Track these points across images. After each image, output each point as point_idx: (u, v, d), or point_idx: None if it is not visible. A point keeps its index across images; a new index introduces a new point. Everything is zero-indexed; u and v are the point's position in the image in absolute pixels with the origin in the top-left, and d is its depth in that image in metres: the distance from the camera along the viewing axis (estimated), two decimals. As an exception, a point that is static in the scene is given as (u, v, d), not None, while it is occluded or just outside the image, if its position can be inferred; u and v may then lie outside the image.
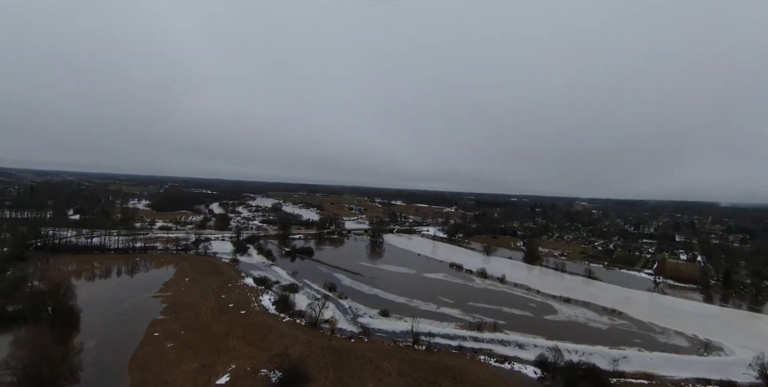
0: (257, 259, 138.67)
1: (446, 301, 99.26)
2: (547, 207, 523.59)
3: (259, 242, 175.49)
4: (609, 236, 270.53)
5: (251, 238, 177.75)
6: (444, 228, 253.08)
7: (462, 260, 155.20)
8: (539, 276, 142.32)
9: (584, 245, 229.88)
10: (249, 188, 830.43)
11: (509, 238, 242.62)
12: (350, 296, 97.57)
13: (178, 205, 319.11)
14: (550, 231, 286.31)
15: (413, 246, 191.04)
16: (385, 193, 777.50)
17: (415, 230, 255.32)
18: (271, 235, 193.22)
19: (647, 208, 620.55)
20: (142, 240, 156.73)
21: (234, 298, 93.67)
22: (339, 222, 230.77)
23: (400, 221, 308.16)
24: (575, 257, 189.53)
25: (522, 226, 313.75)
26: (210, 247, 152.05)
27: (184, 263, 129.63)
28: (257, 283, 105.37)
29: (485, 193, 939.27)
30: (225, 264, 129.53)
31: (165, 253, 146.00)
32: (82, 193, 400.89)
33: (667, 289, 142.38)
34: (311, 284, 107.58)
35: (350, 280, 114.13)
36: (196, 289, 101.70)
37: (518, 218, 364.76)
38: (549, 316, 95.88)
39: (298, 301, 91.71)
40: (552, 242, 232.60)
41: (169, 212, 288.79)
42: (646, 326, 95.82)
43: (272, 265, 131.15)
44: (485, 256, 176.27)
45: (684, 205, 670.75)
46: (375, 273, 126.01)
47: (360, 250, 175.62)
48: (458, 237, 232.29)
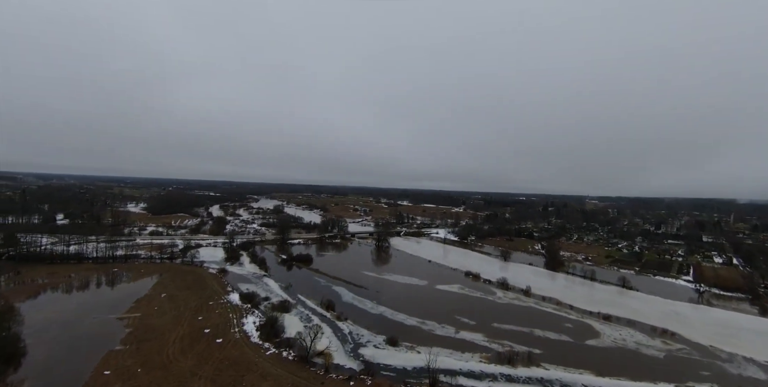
0: (249, 269, 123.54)
1: (466, 321, 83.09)
2: (560, 206, 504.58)
3: (254, 249, 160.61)
4: (631, 237, 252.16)
5: (246, 244, 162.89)
6: (455, 230, 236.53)
7: (478, 268, 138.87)
8: (567, 286, 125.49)
9: (608, 248, 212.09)
10: (253, 190, 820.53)
11: (525, 240, 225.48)
12: (351, 317, 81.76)
13: (176, 209, 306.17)
14: (567, 232, 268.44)
15: (422, 251, 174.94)
16: (391, 194, 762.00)
17: (424, 232, 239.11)
18: (268, 240, 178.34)
19: (663, 205, 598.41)
20: (125, 247, 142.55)
21: (212, 321, 78.46)
22: (342, 225, 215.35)
23: (408, 223, 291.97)
24: (601, 262, 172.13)
25: (537, 226, 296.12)
26: (198, 255, 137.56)
27: (166, 275, 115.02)
28: (243, 300, 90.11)
29: (493, 193, 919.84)
30: (211, 276, 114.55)
31: (147, 263, 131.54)
32: (81, 197, 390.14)
33: (712, 299, 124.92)
34: (306, 301, 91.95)
35: (352, 294, 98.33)
36: (170, 308, 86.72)
37: (531, 218, 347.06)
38: (591, 340, 79.29)
39: (289, 325, 76.29)
40: (572, 245, 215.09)
41: (165, 216, 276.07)
42: (708, 352, 79.03)
43: (264, 276, 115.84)
44: (502, 262, 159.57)
45: (701, 202, 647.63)
46: (381, 285, 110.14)
47: (364, 256, 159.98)
48: (470, 240, 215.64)
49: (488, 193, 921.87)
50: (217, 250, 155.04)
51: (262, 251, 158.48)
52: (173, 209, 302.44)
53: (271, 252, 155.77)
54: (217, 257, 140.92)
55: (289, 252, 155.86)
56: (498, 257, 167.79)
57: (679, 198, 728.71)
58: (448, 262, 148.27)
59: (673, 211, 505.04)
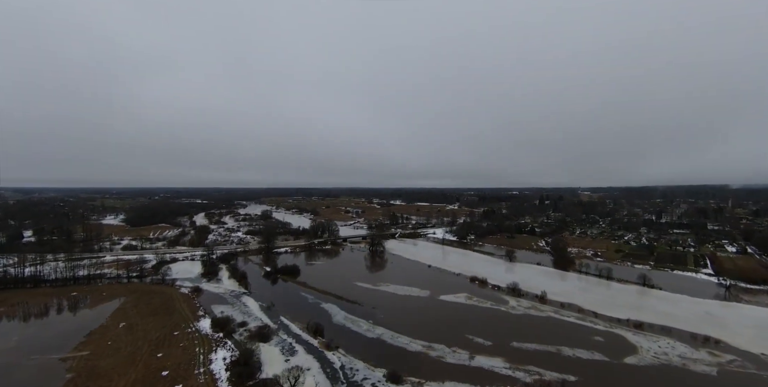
0: (227, 286, 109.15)
1: (480, 342, 69.98)
2: (555, 199, 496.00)
3: (236, 261, 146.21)
4: (635, 228, 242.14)
5: (227, 256, 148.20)
6: (452, 229, 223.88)
7: (483, 271, 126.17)
8: (584, 288, 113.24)
9: (614, 241, 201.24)
10: (242, 195, 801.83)
11: (527, 237, 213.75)
12: (343, 343, 68.10)
13: (157, 219, 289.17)
14: (569, 226, 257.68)
15: (420, 254, 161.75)
16: (383, 193, 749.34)
17: (420, 233, 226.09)
18: (252, 250, 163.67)
19: (658, 194, 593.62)
20: (90, 267, 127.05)
21: (174, 359, 64.35)
22: (333, 229, 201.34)
23: (402, 223, 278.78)
24: (612, 257, 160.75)
25: (536, 221, 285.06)
26: (171, 272, 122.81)
27: (130, 298, 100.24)
28: (215, 328, 76.00)
29: (486, 188, 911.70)
30: (182, 296, 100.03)
31: (113, 284, 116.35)
32: (58, 210, 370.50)
33: (741, 294, 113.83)
34: (290, 325, 78.02)
35: (344, 313, 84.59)
36: (127, 342, 72.31)
37: (528, 213, 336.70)
38: (630, 357, 66.78)
39: (268, 359, 62.63)
40: (577, 239, 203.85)
41: (144, 227, 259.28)
42: (763, 362, 67.35)
43: (244, 293, 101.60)
44: (508, 262, 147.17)
45: (694, 189, 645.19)
46: (377, 299, 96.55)
47: (357, 263, 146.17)
48: (470, 239, 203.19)
49: (481, 188, 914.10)
50: (194, 264, 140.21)
51: (245, 263, 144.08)
52: (154, 220, 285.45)
53: (254, 264, 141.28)
54: (193, 273, 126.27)
55: (275, 263, 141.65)
56: (502, 257, 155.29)
57: (672, 185, 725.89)
58: (450, 266, 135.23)
59: (668, 199, 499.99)
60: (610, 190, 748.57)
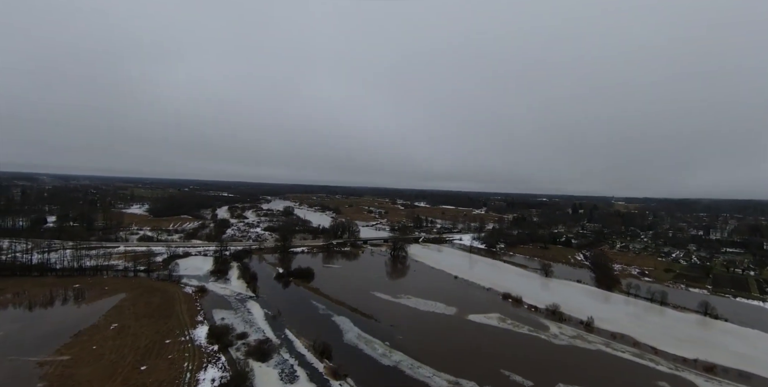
0: (234, 288, 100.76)
1: (518, 381, 57.56)
2: (589, 208, 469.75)
3: (250, 259, 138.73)
4: (682, 245, 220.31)
5: (240, 253, 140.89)
6: (480, 236, 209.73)
7: (516, 286, 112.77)
8: (635, 314, 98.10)
9: (661, 258, 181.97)
10: (268, 190, 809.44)
11: (562, 248, 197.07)
12: (353, 371, 57.26)
13: (180, 210, 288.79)
14: (608, 239, 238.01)
15: (446, 262, 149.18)
16: (407, 195, 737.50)
17: (446, 239, 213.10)
18: (267, 249, 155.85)
19: (701, 207, 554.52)
20: (98, 257, 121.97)
21: (158, 375, 55.53)
22: (353, 229, 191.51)
23: (426, 227, 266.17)
24: (662, 278, 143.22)
25: (570, 231, 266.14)
26: (179, 269, 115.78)
27: (131, 294, 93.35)
28: (210, 339, 66.99)
29: (513, 193, 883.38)
30: (185, 296, 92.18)
31: (118, 278, 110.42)
32: (89, 198, 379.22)
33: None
34: (294, 341, 68.02)
35: (358, 329, 73.84)
36: (112, 348, 64.29)
37: (561, 222, 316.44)
38: (711, 416, 52.91)
39: (263, 385, 52.72)
40: (618, 254, 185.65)
41: (166, 218, 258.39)
42: None
43: (251, 297, 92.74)
44: (543, 277, 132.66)
45: (742, 204, 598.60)
46: (396, 314, 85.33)
47: (377, 269, 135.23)
48: (499, 248, 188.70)
49: (508, 193, 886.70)
50: (206, 260, 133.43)
51: (259, 262, 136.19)
52: (177, 211, 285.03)
53: (268, 263, 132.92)
54: (203, 270, 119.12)
55: (289, 264, 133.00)
56: (537, 271, 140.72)
57: (717, 199, 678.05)
58: (479, 279, 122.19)
59: (713, 213, 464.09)
60: (646, 201, 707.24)
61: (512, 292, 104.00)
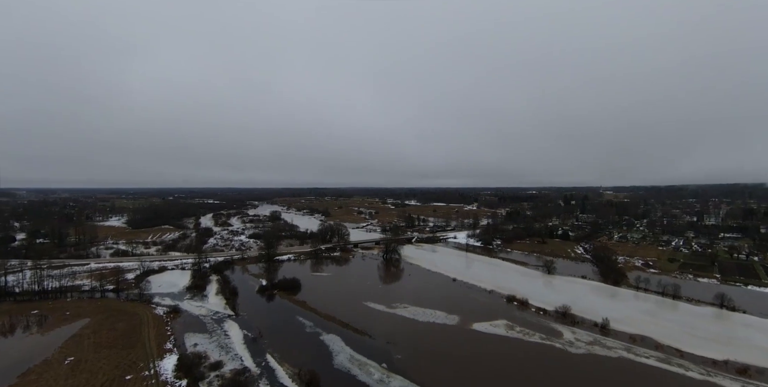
0: (211, 306, 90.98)
1: (539, 404, 49.52)
2: (579, 199, 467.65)
3: (232, 270, 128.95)
4: (680, 232, 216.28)
5: (221, 265, 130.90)
6: (475, 233, 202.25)
7: (519, 287, 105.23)
8: (649, 311, 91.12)
9: (661, 247, 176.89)
10: (256, 196, 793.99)
11: (560, 242, 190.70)
12: (346, 403, 48.47)
13: (161, 221, 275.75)
14: (604, 229, 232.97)
15: (442, 263, 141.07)
16: (398, 193, 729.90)
17: (440, 237, 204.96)
18: (251, 258, 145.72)
19: (689, 193, 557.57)
20: (63, 277, 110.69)
21: (109, 426, 46.02)
22: (342, 233, 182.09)
23: (419, 226, 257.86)
24: (667, 268, 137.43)
25: (565, 223, 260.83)
26: (150, 287, 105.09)
27: (95, 319, 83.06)
28: (180, 371, 57.62)
29: (503, 188, 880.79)
30: (155, 319, 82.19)
31: (83, 300, 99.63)
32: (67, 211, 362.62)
33: None
34: (277, 368, 58.92)
35: (350, 350, 64.94)
36: (61, 391, 54.58)
37: (555, 214, 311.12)
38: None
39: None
40: (618, 245, 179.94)
41: (146, 230, 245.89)
42: None
43: (230, 316, 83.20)
44: (546, 275, 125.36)
45: (728, 188, 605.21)
46: (392, 327, 76.68)
47: (369, 275, 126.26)
48: (496, 245, 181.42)
49: (498, 188, 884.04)
50: (183, 274, 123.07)
51: (242, 273, 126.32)
52: (157, 222, 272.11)
53: (251, 275, 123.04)
54: (178, 286, 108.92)
55: (274, 273, 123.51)
56: (538, 268, 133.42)
57: (704, 184, 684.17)
58: (479, 280, 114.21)
59: (702, 199, 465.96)
60: (634, 190, 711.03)
61: (517, 294, 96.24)
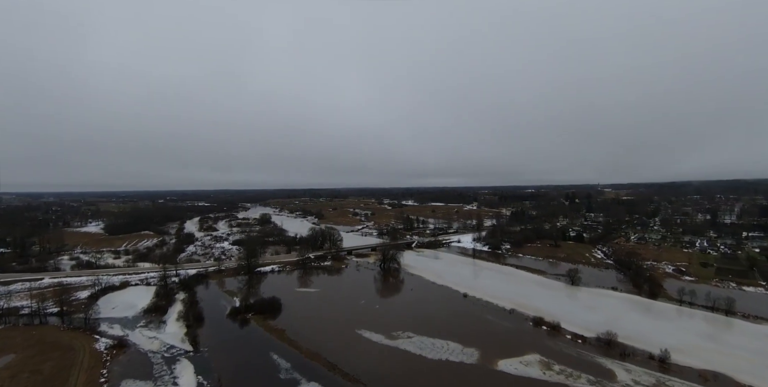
0: (167, 336, 73.18)
1: None
2: (582, 196, 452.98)
3: (206, 284, 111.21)
4: (700, 232, 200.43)
5: (192, 280, 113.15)
6: (480, 236, 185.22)
7: (543, 303, 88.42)
8: (708, 334, 74.33)
9: (686, 249, 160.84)
10: (250, 197, 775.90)
11: (574, 244, 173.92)
12: None
13: (141, 226, 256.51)
14: (618, 230, 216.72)
15: (448, 273, 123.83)
16: (394, 193, 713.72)
17: (442, 241, 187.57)
18: (230, 270, 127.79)
19: (692, 190, 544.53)
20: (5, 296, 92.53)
21: None
22: (335, 238, 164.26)
23: (418, 228, 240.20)
24: (702, 274, 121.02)
25: (573, 223, 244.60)
26: (99, 311, 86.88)
27: (21, 356, 65.38)
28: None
29: (501, 187, 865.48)
30: (92, 357, 64.48)
31: (16, 327, 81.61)
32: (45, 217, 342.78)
33: None
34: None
35: (337, 410, 47.64)
36: None
37: (561, 213, 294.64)
38: None
39: None
40: (638, 247, 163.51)
41: (123, 236, 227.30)
42: None
43: (187, 353, 65.52)
44: (569, 286, 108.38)
45: (731, 184, 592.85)
46: (394, 368, 59.19)
47: (363, 291, 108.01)
48: (505, 249, 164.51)
49: (496, 187, 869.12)
50: (147, 291, 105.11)
51: (218, 288, 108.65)
52: (138, 227, 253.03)
53: (224, 292, 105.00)
54: (136, 307, 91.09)
55: (253, 289, 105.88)
56: (558, 278, 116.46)
57: (707, 180, 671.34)
58: (494, 296, 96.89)
59: (707, 196, 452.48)
60: (633, 187, 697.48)
61: (543, 314, 79.19)
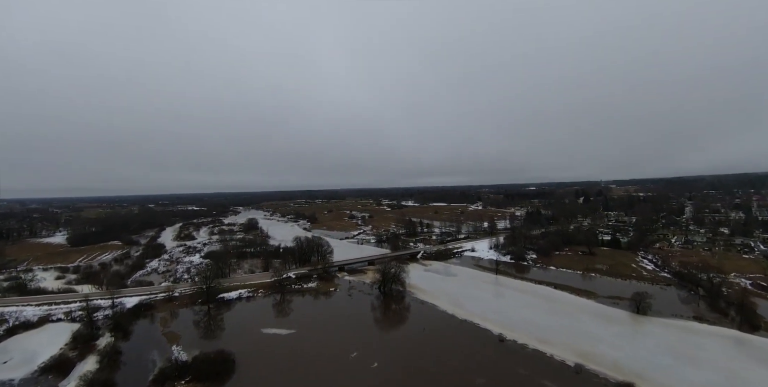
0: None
1: None
2: (593, 194, 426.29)
3: (149, 318, 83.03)
4: (747, 232, 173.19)
5: (125, 316, 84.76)
6: (499, 243, 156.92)
7: (618, 352, 60.61)
8: None
9: (746, 254, 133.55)
10: (244, 200, 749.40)
11: (611, 251, 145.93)
12: None
13: (111, 235, 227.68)
14: (650, 231, 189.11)
15: (468, 298, 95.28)
16: (393, 194, 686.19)
17: (452, 250, 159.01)
18: (185, 296, 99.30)
19: (704, 185, 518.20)
20: None
21: None
22: (323, 250, 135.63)
23: (423, 232, 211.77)
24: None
25: (596, 224, 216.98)
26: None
27: None
28: None
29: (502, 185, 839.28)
30: None
31: None
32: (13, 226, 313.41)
33: None
34: None
35: None
36: None
37: (580, 213, 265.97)
38: None
39: None
40: (688, 253, 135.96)
41: (85, 247, 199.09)
42: None
43: None
44: (635, 316, 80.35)
45: (742, 178, 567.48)
46: None
47: (356, 330, 77.88)
48: (530, 259, 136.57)
49: (497, 185, 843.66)
50: (66, 331, 76.97)
51: (160, 325, 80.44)
52: (106, 237, 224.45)
53: (165, 333, 76.76)
54: (36, 360, 63.21)
55: (208, 328, 77.83)
56: (615, 303, 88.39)
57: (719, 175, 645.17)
58: (543, 338, 68.50)
59: (725, 190, 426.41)
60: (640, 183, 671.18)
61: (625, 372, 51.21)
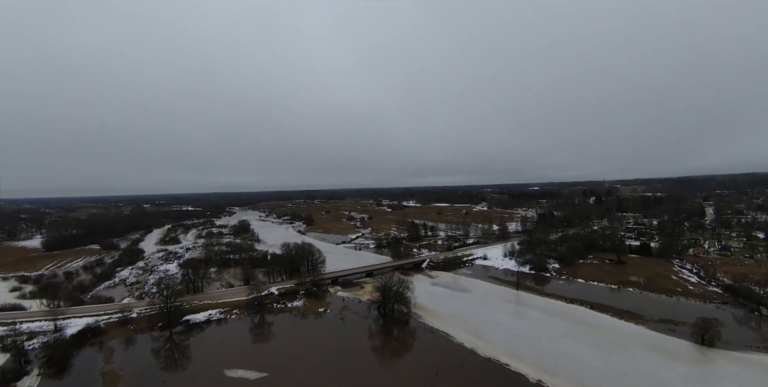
0: None
1: None
2: (601, 194, 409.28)
3: (97, 347, 66.26)
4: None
5: (64, 345, 68.05)
6: (514, 250, 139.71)
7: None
8: None
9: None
10: (243, 200, 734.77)
11: (641, 259, 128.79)
12: None
13: (89, 239, 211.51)
14: (677, 235, 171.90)
15: (487, 325, 77.65)
16: (393, 194, 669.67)
17: (462, 258, 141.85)
18: (143, 318, 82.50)
19: (716, 184, 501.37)
20: None
21: None
22: (315, 259, 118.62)
23: (427, 236, 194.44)
24: None
25: (618, 228, 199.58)
26: None
27: None
28: None
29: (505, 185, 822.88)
30: None
31: None
32: None
33: None
34: None
35: None
36: None
37: (594, 214, 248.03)
38: None
39: None
40: (727, 260, 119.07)
41: (59, 252, 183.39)
42: None
43: None
44: (701, 348, 63.45)
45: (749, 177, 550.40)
46: None
47: (347, 376, 62.12)
48: (552, 269, 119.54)
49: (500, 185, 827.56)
50: None
51: (107, 358, 63.76)
52: (85, 240, 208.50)
53: (105, 372, 60.04)
54: None
55: (169, 357, 60.99)
56: (670, 330, 71.56)
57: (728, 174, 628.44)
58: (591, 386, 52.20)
59: (738, 190, 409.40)
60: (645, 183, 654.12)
61: None
